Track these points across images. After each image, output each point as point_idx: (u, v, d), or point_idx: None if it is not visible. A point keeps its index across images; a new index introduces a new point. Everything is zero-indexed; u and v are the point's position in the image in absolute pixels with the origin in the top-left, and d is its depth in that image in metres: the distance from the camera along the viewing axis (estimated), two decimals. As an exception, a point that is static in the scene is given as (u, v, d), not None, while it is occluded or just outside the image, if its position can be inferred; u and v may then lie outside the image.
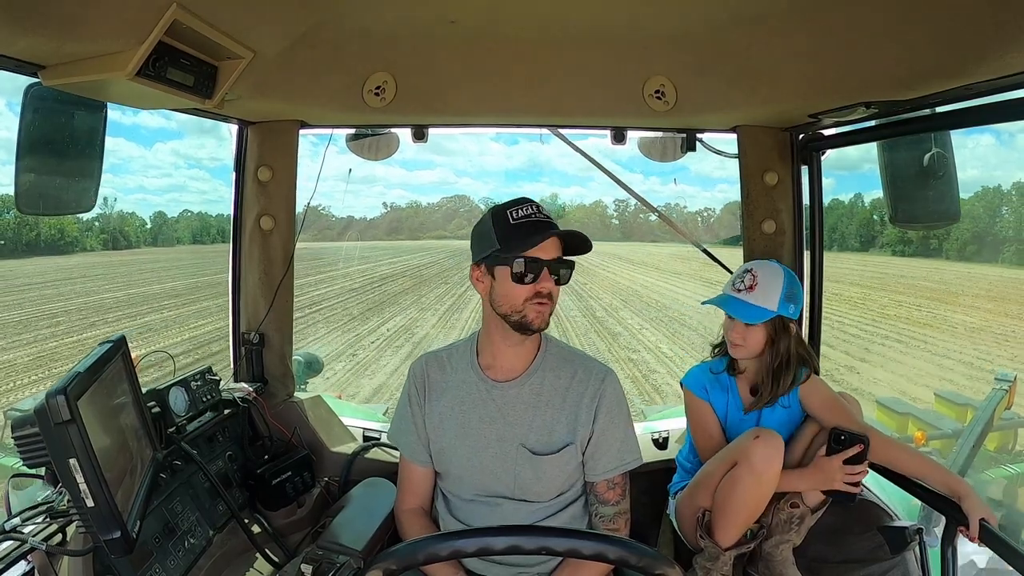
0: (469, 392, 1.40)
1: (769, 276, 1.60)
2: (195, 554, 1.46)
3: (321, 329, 15.81)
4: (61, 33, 1.02)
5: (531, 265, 1.27)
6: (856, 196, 59.83)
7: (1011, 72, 1.16)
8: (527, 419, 1.37)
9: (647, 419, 2.86)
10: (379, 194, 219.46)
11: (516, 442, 1.36)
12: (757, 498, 1.50)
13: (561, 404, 1.38)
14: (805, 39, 1.43)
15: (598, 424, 1.37)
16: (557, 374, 1.39)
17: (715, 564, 1.56)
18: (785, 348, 1.61)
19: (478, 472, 1.39)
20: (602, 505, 1.40)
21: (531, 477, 1.36)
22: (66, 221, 45.74)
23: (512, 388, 1.38)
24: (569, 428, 1.37)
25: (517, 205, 1.32)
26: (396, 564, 0.91)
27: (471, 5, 1.48)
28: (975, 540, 1.37)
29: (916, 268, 35.49)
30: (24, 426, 1.03)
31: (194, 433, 1.65)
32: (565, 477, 1.39)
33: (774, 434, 1.50)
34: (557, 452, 1.36)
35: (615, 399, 1.40)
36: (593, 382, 1.38)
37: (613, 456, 1.38)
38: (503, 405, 1.38)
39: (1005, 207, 45.72)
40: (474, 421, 1.39)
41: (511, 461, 1.37)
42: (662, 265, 32.40)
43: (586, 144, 2.09)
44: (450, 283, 26.87)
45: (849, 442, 1.49)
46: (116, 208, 70.57)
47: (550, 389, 1.38)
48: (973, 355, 14.22)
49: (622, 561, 0.91)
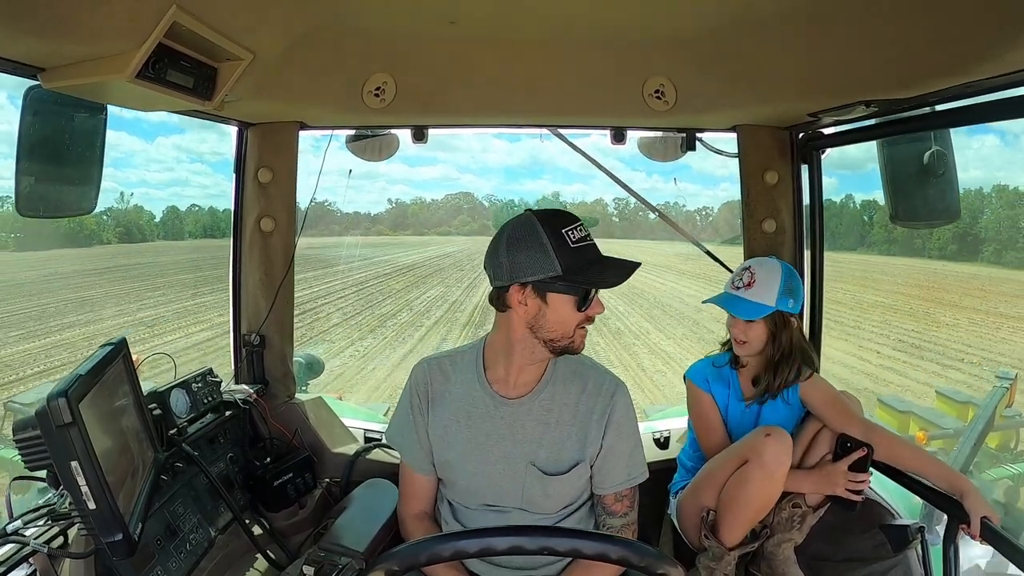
0: (475, 406, 1.35)
1: (767, 272, 1.62)
2: (197, 556, 1.46)
3: (381, 299, 21.78)
4: (60, 35, 1.02)
5: (596, 294, 1.24)
6: (847, 197, 60.02)
7: (1010, 70, 1.16)
8: (537, 437, 1.33)
9: (648, 418, 2.86)
10: (381, 189, 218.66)
11: (525, 460, 1.33)
12: (766, 496, 1.50)
13: (571, 421, 1.33)
14: (804, 38, 1.43)
15: (607, 439, 1.33)
16: (567, 388, 1.34)
17: (719, 564, 1.56)
18: (786, 341, 1.62)
19: (484, 487, 1.36)
20: (610, 516, 1.37)
21: (539, 494, 1.34)
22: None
23: (522, 405, 1.33)
24: (579, 445, 1.33)
25: (569, 225, 1.22)
26: (398, 565, 0.91)
27: (471, 6, 1.48)
28: (977, 538, 1.37)
29: (877, 264, 37.27)
30: (25, 429, 1.03)
31: (195, 435, 1.65)
32: (575, 493, 1.37)
33: (784, 432, 1.50)
34: (567, 472, 1.33)
35: (625, 414, 1.35)
36: (603, 397, 1.34)
37: (621, 470, 1.35)
38: (512, 423, 1.33)
39: (987, 209, 45.97)
40: (481, 437, 1.34)
41: (520, 478, 1.33)
42: (672, 265, 33.53)
43: (587, 142, 2.09)
44: (464, 270, 32.32)
45: (855, 449, 1.50)
46: (120, 203, 71.06)
47: (560, 405, 1.34)
48: (869, 325, 18.48)
49: (624, 561, 0.91)
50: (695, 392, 1.72)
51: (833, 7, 1.30)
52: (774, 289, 1.60)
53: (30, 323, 17.17)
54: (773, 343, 1.63)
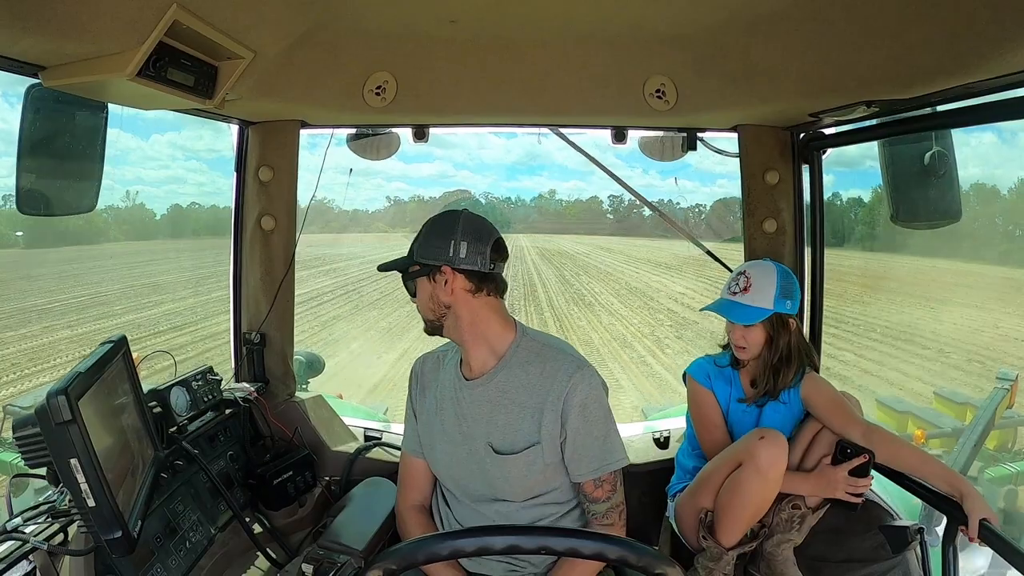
0: (445, 391, 1.42)
1: (762, 276, 1.62)
2: (196, 554, 1.46)
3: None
4: (61, 34, 1.02)
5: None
6: (834, 195, 60.42)
7: (1011, 71, 1.15)
8: (492, 417, 1.36)
9: (647, 418, 2.86)
10: (377, 187, 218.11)
11: (483, 440, 1.36)
12: (761, 498, 1.50)
13: (527, 401, 1.34)
14: (805, 38, 1.43)
15: (570, 425, 1.32)
16: (526, 370, 1.35)
17: (718, 564, 1.56)
18: (785, 343, 1.62)
19: (455, 471, 1.41)
20: (592, 503, 1.38)
21: (499, 476, 1.36)
22: (93, 212, 48.49)
23: (478, 386, 1.37)
24: (534, 427, 1.33)
25: None
26: (396, 564, 0.91)
27: (472, 5, 1.48)
28: (975, 540, 1.37)
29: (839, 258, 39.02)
30: (25, 426, 1.04)
31: (195, 433, 1.65)
32: (535, 478, 1.36)
33: (779, 435, 1.50)
34: (521, 452, 1.34)
35: (588, 397, 1.33)
36: (560, 379, 1.32)
37: (594, 457, 1.34)
38: (471, 403, 1.38)
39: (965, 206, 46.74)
40: (449, 418, 1.40)
41: (479, 460, 1.37)
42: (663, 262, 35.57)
43: (586, 139, 2.09)
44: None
45: (855, 454, 1.50)
46: (125, 201, 71.86)
47: (516, 386, 1.35)
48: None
49: (622, 560, 0.91)
50: (697, 389, 1.72)
51: (834, 7, 1.30)
52: (770, 292, 1.59)
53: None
54: (771, 346, 1.63)
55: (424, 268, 1.34)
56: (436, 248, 1.32)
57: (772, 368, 1.63)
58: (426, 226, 1.36)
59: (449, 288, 1.32)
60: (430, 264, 1.33)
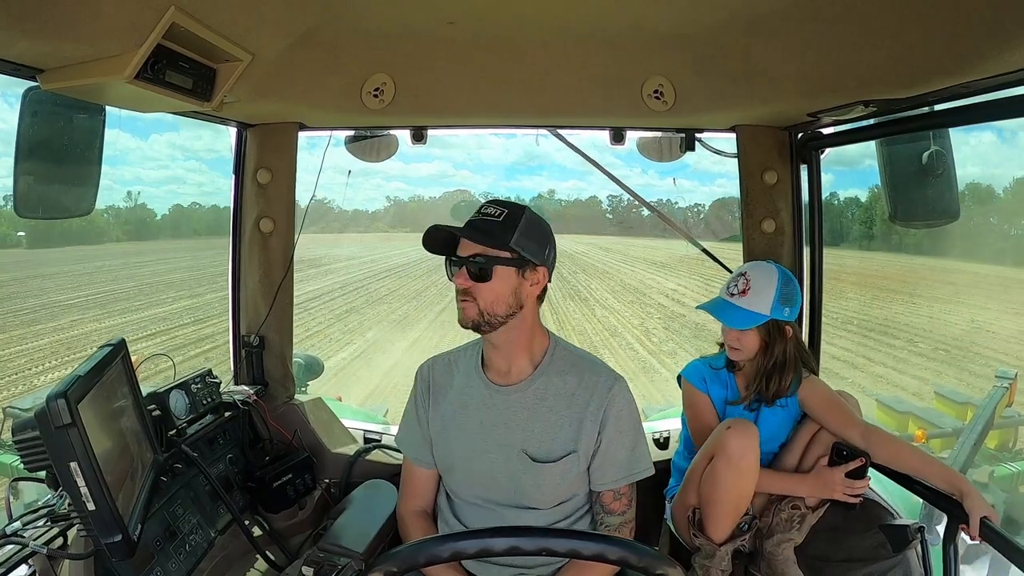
0: (472, 396, 1.38)
1: (763, 279, 1.59)
2: (196, 557, 1.46)
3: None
4: (59, 37, 1.02)
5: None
6: (831, 195, 60.72)
7: (1009, 70, 1.15)
8: (529, 424, 1.34)
9: (648, 419, 2.86)
10: (376, 187, 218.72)
11: (517, 448, 1.33)
12: (739, 488, 1.49)
13: (565, 410, 1.33)
14: (803, 38, 1.43)
15: (605, 434, 1.33)
16: (564, 379, 1.35)
17: (712, 561, 1.55)
18: (780, 352, 1.60)
19: (479, 476, 1.37)
20: (608, 515, 1.37)
21: (531, 484, 1.34)
22: (94, 213, 49.65)
23: (515, 392, 1.35)
24: (573, 436, 1.33)
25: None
26: (397, 566, 0.91)
27: (470, 6, 1.48)
28: (976, 538, 1.37)
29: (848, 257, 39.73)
30: (25, 430, 1.03)
31: (195, 436, 1.65)
32: (567, 485, 1.35)
33: (748, 423, 1.50)
34: (558, 460, 1.32)
35: (623, 408, 1.34)
36: (600, 389, 1.33)
37: (621, 467, 1.34)
38: (505, 410, 1.35)
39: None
40: (475, 426, 1.36)
41: (512, 467, 1.34)
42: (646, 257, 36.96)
43: (585, 139, 2.09)
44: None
45: (851, 457, 1.50)
46: (127, 202, 72.13)
47: (554, 394, 1.34)
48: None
49: (623, 561, 0.91)
50: (692, 392, 1.70)
51: (832, 7, 1.30)
52: (769, 297, 1.57)
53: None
54: (765, 353, 1.61)
55: (520, 260, 1.27)
56: (537, 245, 1.29)
57: (765, 373, 1.62)
58: (524, 220, 1.28)
59: (536, 288, 1.31)
60: (528, 259, 1.28)
